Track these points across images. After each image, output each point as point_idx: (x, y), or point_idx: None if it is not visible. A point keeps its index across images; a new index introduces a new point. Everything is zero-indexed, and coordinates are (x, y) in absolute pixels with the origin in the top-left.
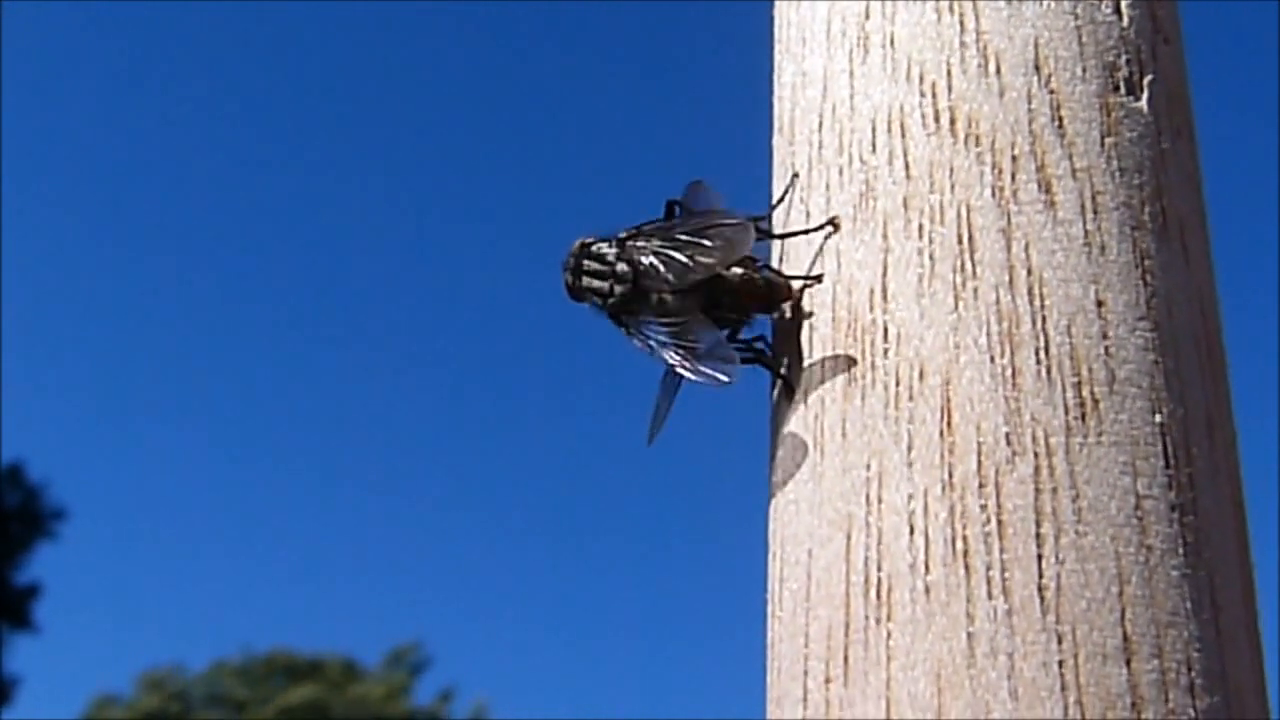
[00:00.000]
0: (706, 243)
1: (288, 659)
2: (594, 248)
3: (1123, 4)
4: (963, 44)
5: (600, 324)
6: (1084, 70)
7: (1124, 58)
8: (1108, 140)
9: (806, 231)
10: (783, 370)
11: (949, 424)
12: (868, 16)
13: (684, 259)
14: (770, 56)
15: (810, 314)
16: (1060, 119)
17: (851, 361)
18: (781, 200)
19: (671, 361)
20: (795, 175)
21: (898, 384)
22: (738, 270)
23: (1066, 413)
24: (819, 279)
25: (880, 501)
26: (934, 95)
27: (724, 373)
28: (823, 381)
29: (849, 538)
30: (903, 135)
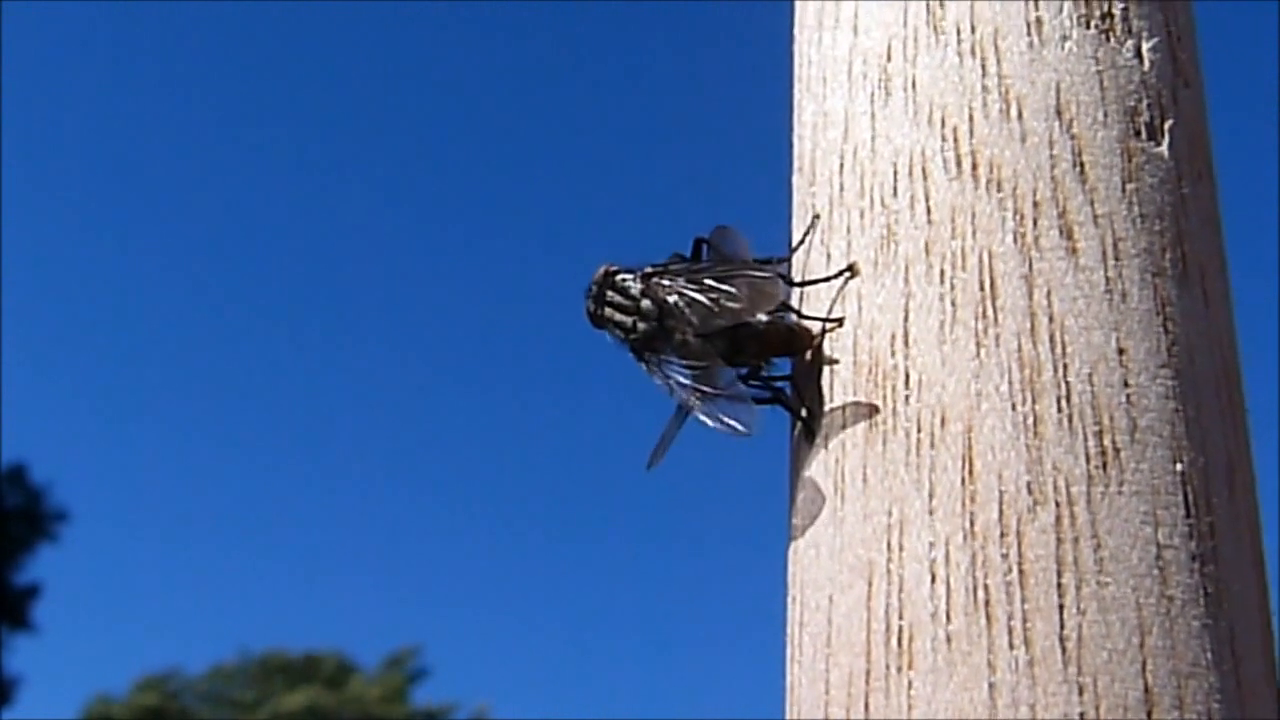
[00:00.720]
0: (733, 289)
1: (285, 661)
2: (618, 279)
3: (1144, 48)
4: (985, 88)
5: (615, 351)
6: (1105, 115)
7: (1145, 102)
8: (1129, 186)
9: (827, 279)
10: (803, 413)
11: (970, 472)
12: (889, 58)
13: (709, 304)
14: (790, 92)
15: (832, 358)
16: (1082, 164)
17: (873, 407)
18: (802, 243)
19: (691, 404)
20: (816, 217)
21: (919, 430)
22: (762, 317)
23: (1088, 461)
24: (840, 322)
25: (901, 549)
26: (956, 139)
27: (742, 424)
28: (844, 426)
29: (870, 585)
30: (924, 179)
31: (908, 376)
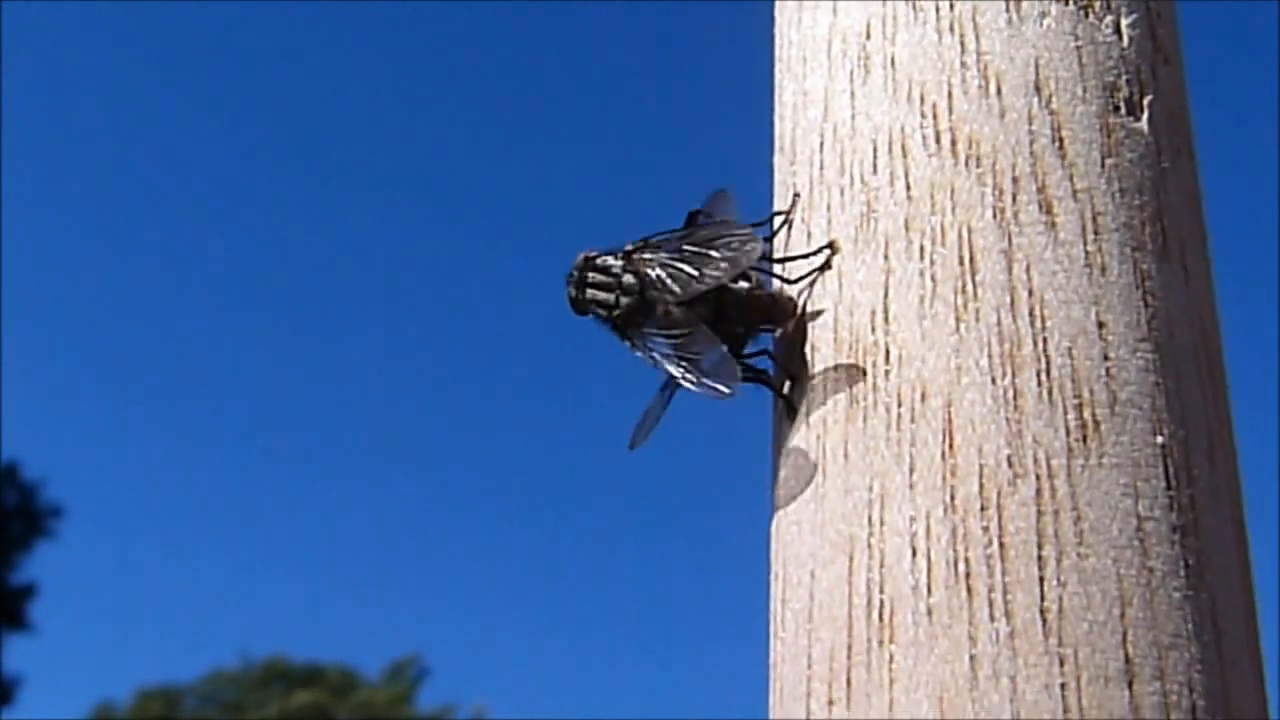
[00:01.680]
0: (714, 254)
1: (287, 667)
2: (599, 260)
3: (1123, 24)
4: (963, 65)
5: (602, 336)
6: (1084, 91)
7: (1124, 78)
8: (1108, 161)
9: (806, 256)
10: (784, 390)
11: (951, 446)
12: (868, 37)
13: (691, 271)
14: (771, 73)
15: (813, 331)
16: (1061, 140)
17: (853, 383)
18: (785, 222)
19: (674, 373)
20: (797, 195)
21: (900, 405)
22: (744, 284)
23: (1068, 435)
24: (828, 265)
25: (882, 523)
26: (935, 116)
27: (725, 385)
28: (824, 403)
29: (851, 559)
30: (904, 156)
31: (888, 352)
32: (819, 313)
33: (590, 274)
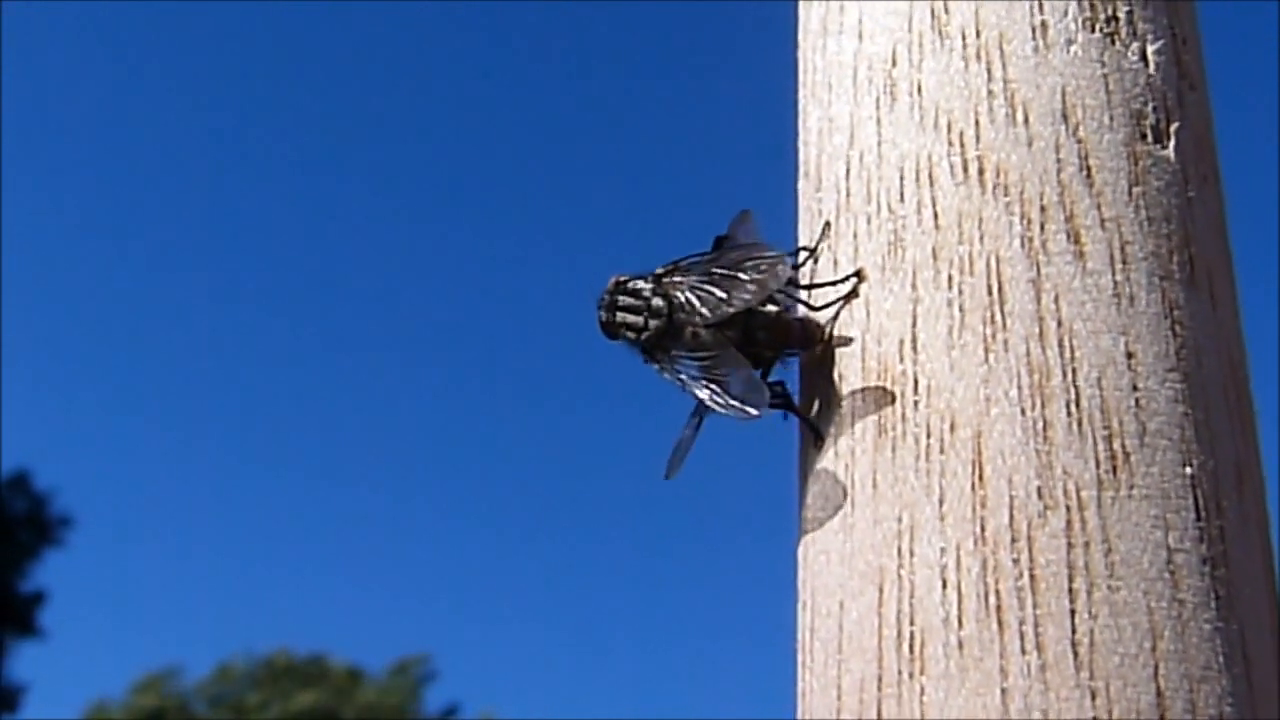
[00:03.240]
0: (743, 276)
1: (290, 663)
2: (629, 284)
3: (1149, 51)
4: (990, 93)
5: (626, 359)
6: (1111, 119)
7: (1151, 105)
8: (1135, 189)
9: (833, 283)
10: (811, 417)
11: (980, 477)
12: (894, 64)
13: (720, 294)
14: (795, 97)
15: (840, 359)
16: (1088, 168)
17: (882, 412)
18: (814, 253)
19: (701, 396)
20: (827, 224)
21: (929, 436)
22: (772, 307)
23: (1098, 466)
24: (854, 293)
25: (912, 555)
26: (962, 144)
27: (754, 407)
28: (852, 432)
29: (881, 590)
30: (931, 184)
31: (916, 382)
32: (846, 340)
33: (621, 297)
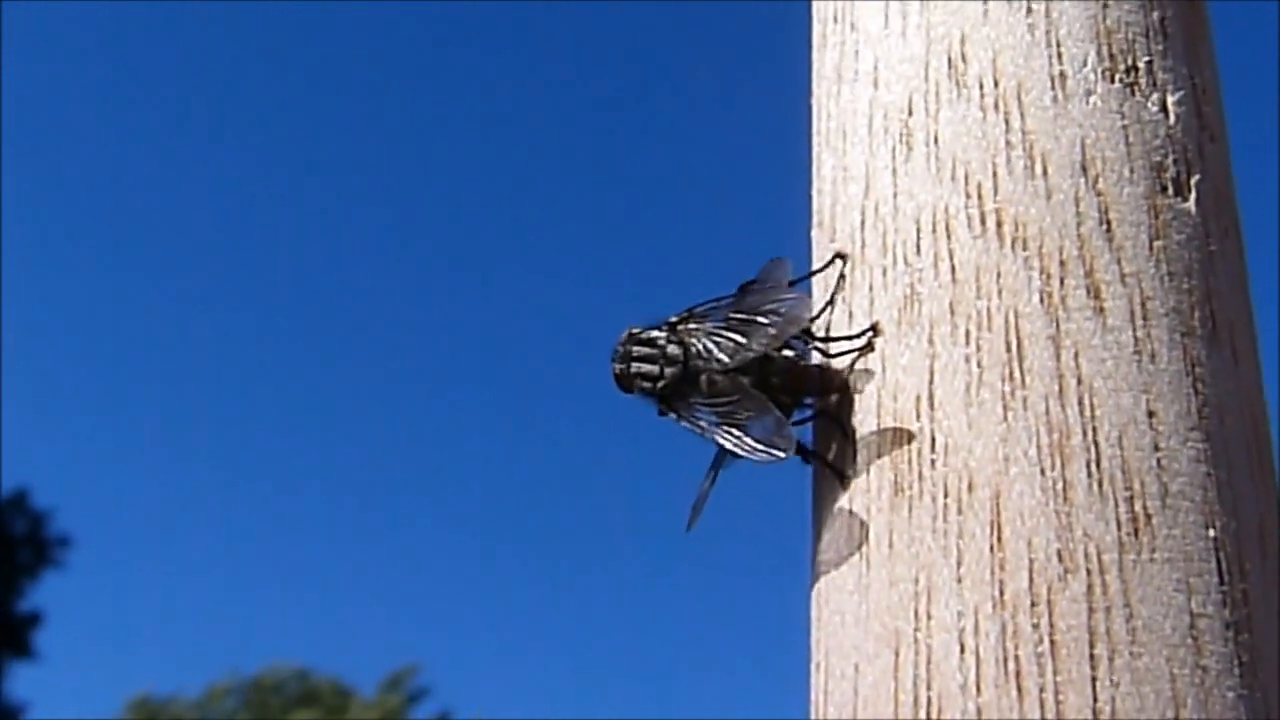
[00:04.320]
0: (762, 320)
1: (279, 681)
2: (643, 335)
3: (1169, 102)
4: (1008, 144)
5: (633, 403)
6: (1131, 171)
7: (1171, 158)
8: (1156, 244)
9: (849, 337)
10: (826, 470)
11: (999, 539)
12: (910, 113)
13: (739, 339)
14: (808, 146)
15: (856, 415)
16: (1108, 222)
17: (898, 470)
18: (831, 302)
19: (723, 443)
20: (840, 255)
21: (946, 495)
22: (789, 353)
23: (1119, 528)
24: (870, 347)
25: (929, 618)
26: (980, 196)
27: (779, 449)
28: (868, 490)
29: (897, 655)
30: (948, 237)
31: (933, 440)
32: (862, 397)
33: (635, 348)
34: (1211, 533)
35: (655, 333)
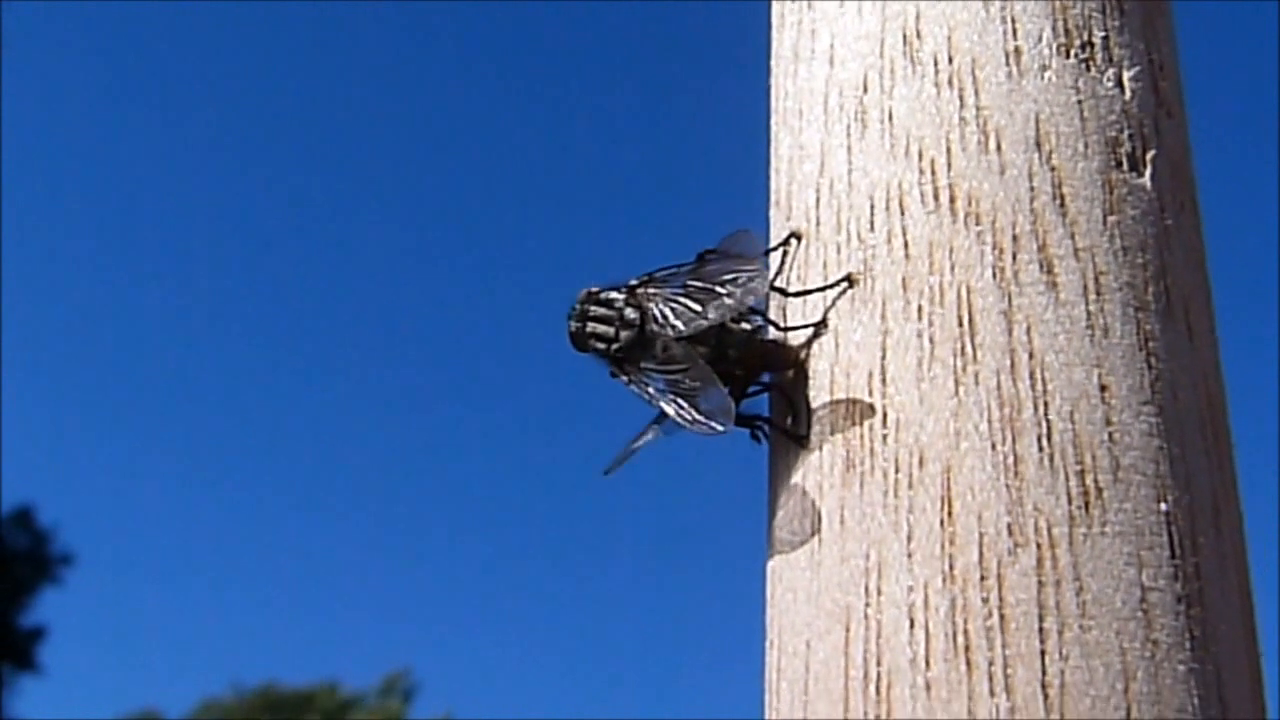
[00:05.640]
0: (720, 290)
1: (279, 695)
2: (601, 295)
3: (1125, 77)
4: (962, 120)
5: (599, 375)
6: (1086, 146)
7: (1126, 133)
8: (1110, 219)
9: (823, 289)
10: (783, 439)
11: (950, 513)
12: (865, 90)
13: (695, 306)
14: (767, 126)
15: (810, 391)
16: (1062, 197)
17: (850, 447)
18: (781, 267)
19: (667, 410)
20: (794, 235)
21: (897, 471)
22: (746, 326)
23: (1070, 502)
24: (824, 324)
25: (880, 593)
26: (933, 172)
27: (719, 423)
28: (820, 466)
29: (848, 630)
30: (902, 213)
31: (885, 415)
32: (814, 374)
33: (592, 308)
34: (1163, 506)
35: (614, 294)
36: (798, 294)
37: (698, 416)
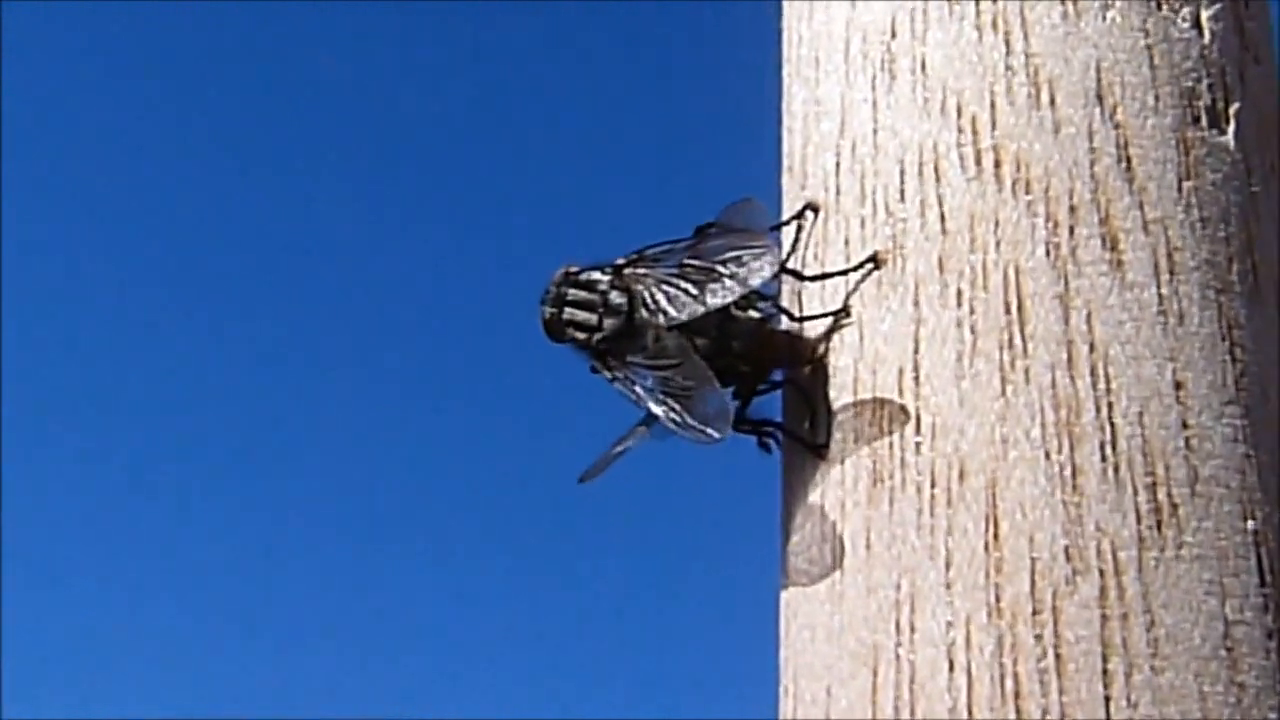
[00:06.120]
0: (721, 270)
1: None
2: (582, 276)
3: (1203, 17)
4: (1009, 69)
5: (579, 372)
6: (1157, 99)
7: (1205, 83)
8: (1186, 184)
9: (844, 271)
10: (796, 447)
11: (995, 536)
12: (894, 35)
13: (691, 290)
14: (778, 76)
15: (831, 390)
16: (1128, 159)
17: (877, 457)
18: (795, 245)
19: (656, 411)
20: (810, 206)
21: (933, 486)
22: (753, 313)
23: (1139, 521)
24: (845, 311)
25: (913, 630)
26: (975, 131)
27: (715, 430)
28: (843, 482)
29: (875, 674)
30: (937, 180)
31: (919, 420)
32: (837, 371)
33: (571, 291)
34: (1250, 525)
35: (596, 275)
36: (815, 277)
37: (690, 421)
